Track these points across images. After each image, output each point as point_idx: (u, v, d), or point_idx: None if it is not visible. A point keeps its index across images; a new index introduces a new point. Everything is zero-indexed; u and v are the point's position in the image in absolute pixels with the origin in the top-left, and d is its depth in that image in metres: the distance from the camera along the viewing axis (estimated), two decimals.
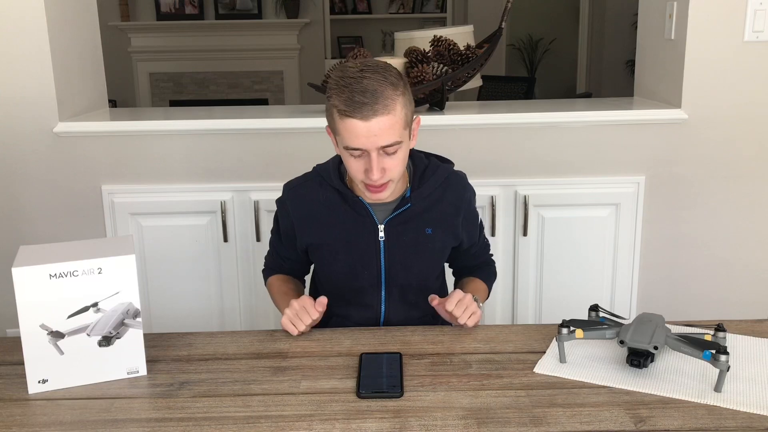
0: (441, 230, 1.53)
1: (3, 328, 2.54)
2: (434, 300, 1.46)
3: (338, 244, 1.50)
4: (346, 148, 1.36)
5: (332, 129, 1.41)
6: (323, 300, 1.42)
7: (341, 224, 1.49)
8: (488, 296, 1.70)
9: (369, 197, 1.44)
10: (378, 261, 1.50)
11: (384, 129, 1.32)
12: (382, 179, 1.37)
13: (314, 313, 1.41)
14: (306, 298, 1.43)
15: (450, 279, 1.75)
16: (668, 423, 1.09)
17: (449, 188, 1.54)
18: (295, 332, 1.41)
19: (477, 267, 1.71)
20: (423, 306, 1.55)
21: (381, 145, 1.33)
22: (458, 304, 1.42)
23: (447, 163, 1.59)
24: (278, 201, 1.59)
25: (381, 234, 1.49)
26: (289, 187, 1.57)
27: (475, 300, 1.47)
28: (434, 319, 1.60)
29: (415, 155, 1.54)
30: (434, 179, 1.51)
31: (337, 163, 1.53)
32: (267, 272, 1.71)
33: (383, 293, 1.54)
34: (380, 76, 1.32)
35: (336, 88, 1.34)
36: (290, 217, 1.54)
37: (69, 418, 1.14)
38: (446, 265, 1.71)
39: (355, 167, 1.38)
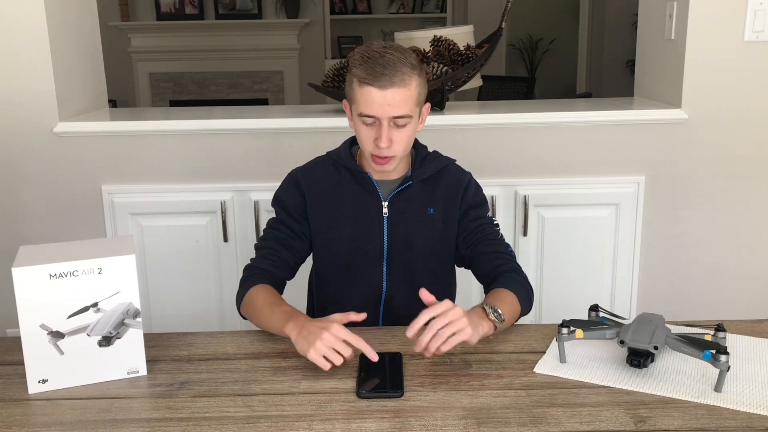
0: (442, 210, 1.57)
1: (3, 328, 2.53)
2: (423, 293, 1.29)
3: (344, 218, 1.56)
4: (360, 116, 1.45)
5: (349, 99, 1.49)
6: (362, 315, 1.31)
7: (348, 200, 1.56)
8: (520, 314, 1.45)
9: (374, 168, 1.51)
10: (381, 236, 1.55)
11: (398, 100, 1.42)
12: (389, 150, 1.45)
13: (358, 341, 1.23)
14: (337, 327, 1.23)
15: (466, 290, 1.71)
16: (668, 423, 1.09)
17: (448, 174, 1.60)
18: (328, 367, 1.22)
19: (498, 268, 1.52)
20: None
21: (393, 115, 1.42)
22: (432, 324, 1.22)
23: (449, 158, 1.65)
24: (287, 178, 1.60)
25: (385, 210, 1.55)
26: (300, 169, 1.62)
27: (496, 313, 1.34)
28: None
29: (418, 144, 1.62)
30: (435, 164, 1.59)
31: (348, 145, 1.61)
32: (249, 281, 1.50)
33: (384, 269, 1.57)
34: (401, 55, 1.44)
35: (359, 60, 1.44)
36: (302, 191, 1.57)
37: (69, 418, 1.14)
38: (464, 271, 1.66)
39: (365, 135, 1.47)
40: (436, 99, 2.53)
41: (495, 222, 1.62)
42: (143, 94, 6.35)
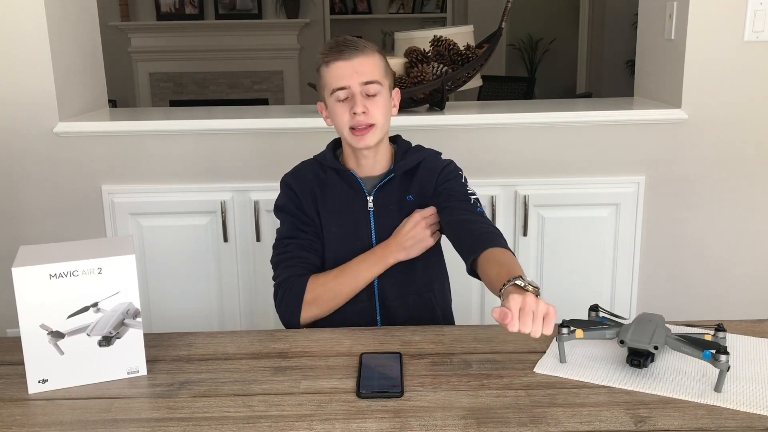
0: (420, 195, 1.59)
1: (3, 328, 2.54)
2: (495, 313, 1.15)
3: (333, 216, 1.59)
4: (333, 93, 1.50)
5: (321, 87, 1.55)
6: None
7: (336, 199, 1.59)
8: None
9: (356, 144, 1.53)
10: (369, 231, 1.58)
11: (365, 66, 1.49)
12: (366, 117, 1.49)
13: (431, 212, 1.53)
14: (417, 216, 1.55)
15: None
16: (668, 423, 1.09)
17: (426, 160, 1.63)
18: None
19: (484, 235, 1.45)
20: (417, 279, 1.61)
21: (363, 80, 1.49)
22: (523, 317, 1.12)
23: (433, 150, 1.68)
24: (282, 186, 1.63)
25: (370, 205, 1.58)
26: (289, 173, 1.65)
27: (530, 284, 1.22)
28: (430, 293, 1.63)
29: (401, 140, 1.67)
30: (416, 156, 1.62)
31: (332, 147, 1.65)
32: (296, 285, 1.51)
33: None
34: (360, 39, 1.54)
35: (323, 49, 1.53)
36: (295, 193, 1.60)
37: (69, 418, 1.14)
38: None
39: (341, 111, 1.51)
40: (436, 99, 2.53)
41: (470, 192, 1.57)
42: (143, 94, 6.35)
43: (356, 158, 1.58)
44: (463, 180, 1.62)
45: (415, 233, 1.53)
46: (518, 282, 1.23)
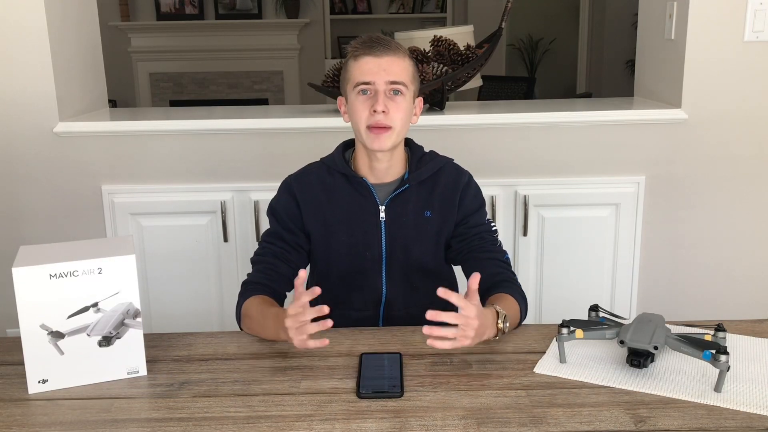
0: (439, 213, 1.56)
1: (3, 328, 2.54)
2: (441, 291, 1.26)
3: (341, 225, 1.54)
4: (356, 86, 1.46)
5: (345, 81, 1.51)
6: (315, 289, 1.26)
7: (345, 205, 1.54)
8: (520, 322, 1.46)
9: (370, 144, 1.47)
10: (379, 241, 1.54)
11: (393, 65, 1.46)
12: (387, 118, 1.45)
13: (308, 298, 1.23)
14: (291, 307, 1.26)
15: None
16: (668, 423, 1.09)
17: (444, 173, 1.58)
18: (321, 343, 1.25)
19: (496, 276, 1.52)
20: (425, 291, 1.56)
21: (389, 79, 1.45)
22: (464, 319, 1.24)
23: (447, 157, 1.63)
24: (282, 186, 1.59)
25: (382, 215, 1.53)
26: (293, 175, 1.60)
27: (505, 324, 1.35)
28: (437, 305, 1.61)
29: (414, 145, 1.61)
30: (432, 164, 1.57)
31: (341, 150, 1.59)
32: (245, 295, 1.49)
33: (384, 274, 1.56)
34: (393, 40, 1.51)
35: (354, 44, 1.50)
36: (296, 198, 1.55)
37: (69, 418, 1.14)
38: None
39: (361, 107, 1.47)
40: (436, 99, 2.53)
41: (494, 227, 1.60)
42: (143, 94, 6.35)
43: (369, 161, 1.52)
44: (483, 203, 1.60)
45: (294, 323, 1.25)
46: (499, 312, 1.35)
